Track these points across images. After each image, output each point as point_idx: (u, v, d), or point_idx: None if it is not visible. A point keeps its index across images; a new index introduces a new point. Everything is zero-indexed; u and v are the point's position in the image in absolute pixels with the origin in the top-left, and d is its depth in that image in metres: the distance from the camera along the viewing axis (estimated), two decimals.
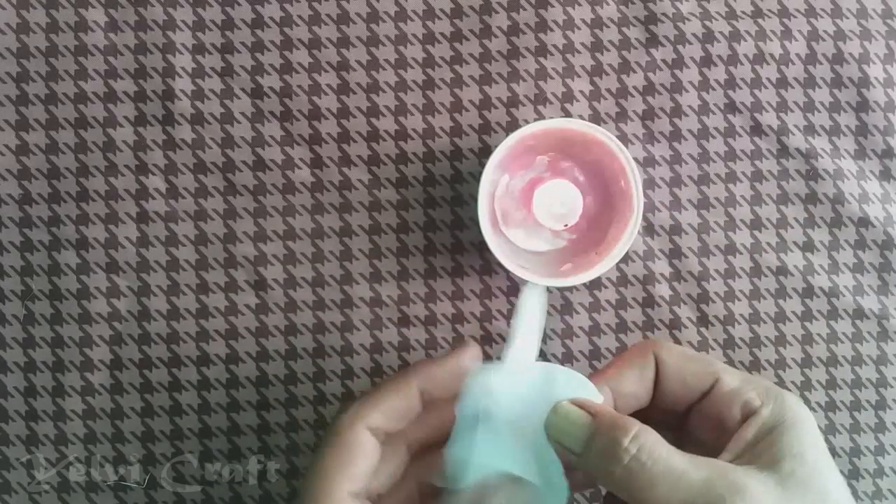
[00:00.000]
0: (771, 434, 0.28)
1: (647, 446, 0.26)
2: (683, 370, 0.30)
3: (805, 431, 0.28)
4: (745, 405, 0.29)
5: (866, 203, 0.40)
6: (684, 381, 0.30)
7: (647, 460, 0.26)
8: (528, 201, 0.36)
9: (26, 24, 0.38)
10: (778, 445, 0.27)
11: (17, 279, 0.38)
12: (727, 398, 0.29)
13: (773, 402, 0.29)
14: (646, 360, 0.30)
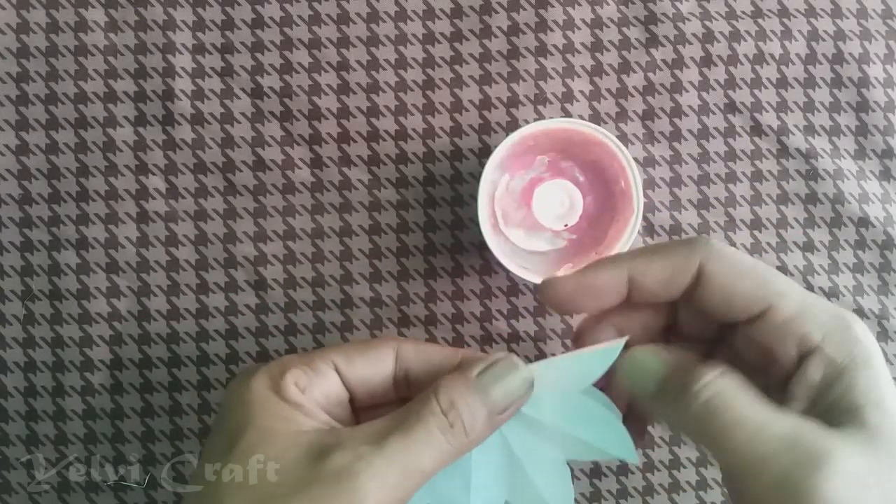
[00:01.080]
0: (842, 378, 0.24)
1: (722, 391, 0.24)
2: (731, 288, 0.26)
3: (878, 370, 0.25)
4: (802, 342, 0.25)
5: (866, 203, 0.40)
6: (730, 300, 0.26)
7: (720, 404, 0.24)
8: (528, 201, 0.36)
9: (26, 24, 0.38)
10: (855, 392, 0.24)
11: (17, 279, 0.38)
12: (780, 330, 0.25)
13: (837, 336, 0.25)
14: (686, 261, 0.26)
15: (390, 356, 0.29)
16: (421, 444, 0.25)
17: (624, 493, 0.39)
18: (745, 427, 0.23)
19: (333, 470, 0.24)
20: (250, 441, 0.25)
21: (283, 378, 0.27)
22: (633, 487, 0.39)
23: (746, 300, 0.26)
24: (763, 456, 0.23)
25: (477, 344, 0.39)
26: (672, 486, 0.40)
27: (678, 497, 0.40)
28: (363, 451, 0.24)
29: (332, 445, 0.25)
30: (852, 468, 0.23)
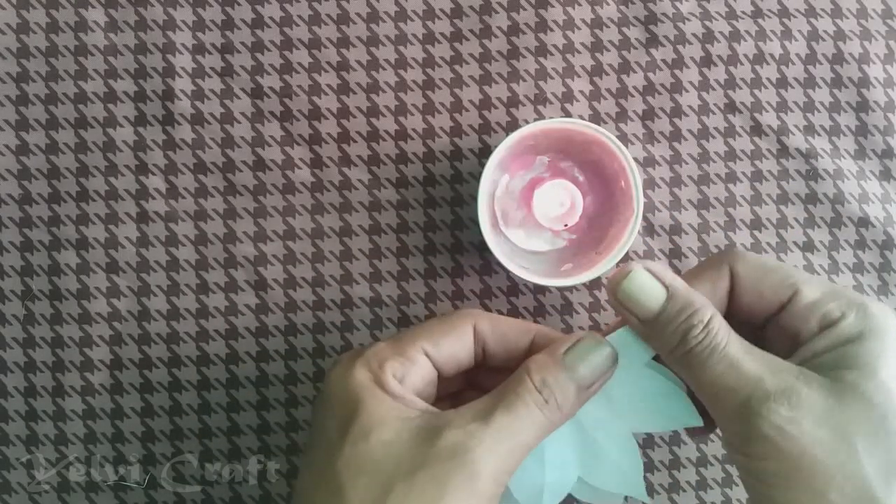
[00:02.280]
0: (845, 345, 0.26)
1: (713, 329, 0.27)
2: (760, 282, 0.29)
3: (885, 343, 0.26)
4: (823, 317, 0.27)
5: (866, 203, 0.40)
6: (760, 293, 0.28)
7: (706, 341, 0.26)
8: (528, 201, 0.36)
9: (26, 24, 0.38)
10: (848, 356, 0.26)
11: (17, 279, 0.38)
12: (805, 311, 0.28)
13: (855, 313, 0.27)
14: (719, 272, 0.29)
15: (470, 332, 0.31)
16: (523, 420, 0.27)
17: None
18: (721, 362, 0.26)
19: (448, 448, 0.26)
20: (363, 425, 0.27)
21: (383, 371, 0.28)
22: None
23: (775, 290, 0.28)
24: (730, 387, 0.26)
25: None
26: (672, 486, 0.40)
27: (678, 497, 0.40)
28: (473, 429, 0.26)
29: (442, 426, 0.26)
30: (807, 403, 0.25)
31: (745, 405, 0.25)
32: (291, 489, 0.29)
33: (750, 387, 0.26)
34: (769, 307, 0.29)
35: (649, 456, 0.39)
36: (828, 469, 0.25)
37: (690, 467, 0.39)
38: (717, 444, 0.39)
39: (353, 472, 0.26)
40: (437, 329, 0.30)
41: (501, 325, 0.31)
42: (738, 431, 0.26)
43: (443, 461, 0.26)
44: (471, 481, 0.26)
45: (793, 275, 0.28)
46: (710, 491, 0.39)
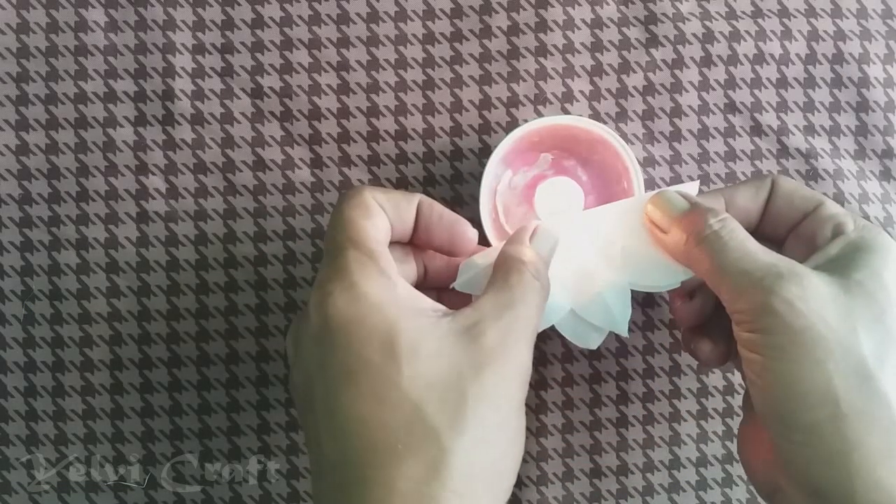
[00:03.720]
0: (855, 252, 0.29)
1: (730, 226, 0.30)
2: (794, 193, 0.32)
3: (889, 255, 0.29)
4: (837, 227, 0.31)
5: (866, 203, 0.40)
6: (792, 201, 0.32)
7: (725, 235, 0.30)
8: (529, 198, 0.36)
9: (26, 24, 0.38)
10: (857, 260, 0.29)
11: (17, 279, 0.38)
12: (823, 220, 0.31)
13: (866, 229, 0.30)
14: (763, 181, 0.33)
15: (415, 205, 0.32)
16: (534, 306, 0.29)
17: (624, 493, 0.39)
18: (738, 251, 0.29)
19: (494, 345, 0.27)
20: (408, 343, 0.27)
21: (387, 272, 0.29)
22: (633, 487, 0.39)
23: (804, 200, 0.32)
24: (745, 270, 0.29)
25: None
26: (672, 486, 0.40)
27: (678, 497, 0.40)
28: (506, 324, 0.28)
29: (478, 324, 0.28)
30: (816, 287, 0.28)
31: (759, 283, 0.28)
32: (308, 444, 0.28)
33: (764, 269, 0.28)
34: (797, 214, 0.32)
35: (649, 456, 0.39)
36: (829, 343, 0.27)
37: (690, 467, 0.39)
38: (717, 444, 0.39)
39: (423, 388, 0.26)
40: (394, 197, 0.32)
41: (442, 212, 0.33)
42: (749, 308, 0.28)
43: (497, 357, 0.27)
44: (522, 369, 0.28)
45: (820, 195, 0.32)
46: (710, 491, 0.39)
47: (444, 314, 0.28)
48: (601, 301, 0.33)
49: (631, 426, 0.39)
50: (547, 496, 0.39)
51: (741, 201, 0.33)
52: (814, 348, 0.27)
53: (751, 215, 0.33)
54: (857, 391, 0.26)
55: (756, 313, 0.28)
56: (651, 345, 0.40)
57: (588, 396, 0.39)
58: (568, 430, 0.39)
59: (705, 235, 0.30)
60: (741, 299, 0.29)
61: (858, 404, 0.26)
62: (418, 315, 0.28)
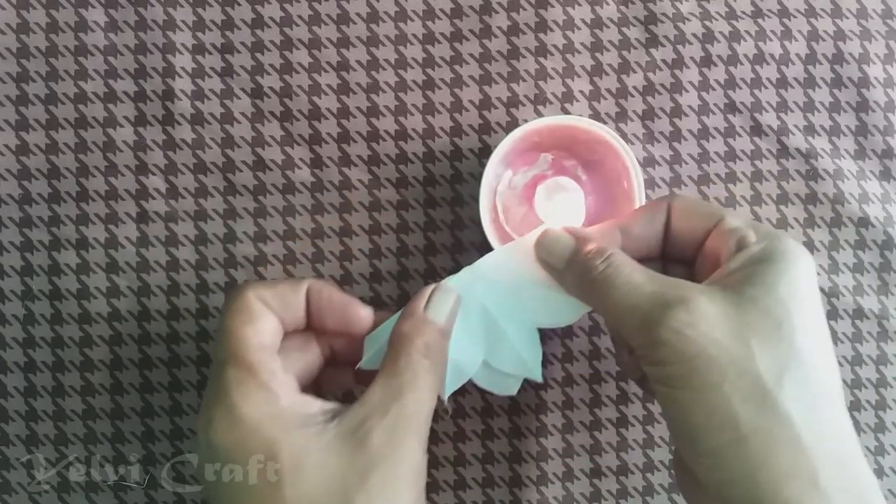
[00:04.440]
0: (755, 266, 0.28)
1: (616, 262, 0.30)
2: (691, 210, 0.32)
3: (791, 268, 0.28)
4: (740, 241, 0.30)
5: (866, 203, 0.40)
6: (690, 219, 0.32)
7: (612, 273, 0.29)
8: (529, 198, 0.36)
9: (26, 24, 0.38)
10: (753, 275, 0.28)
11: (17, 279, 0.38)
12: (726, 234, 0.30)
13: (767, 239, 0.29)
14: (658, 207, 0.32)
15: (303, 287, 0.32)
16: (425, 389, 0.29)
17: (624, 493, 0.39)
18: (625, 286, 0.29)
19: (380, 446, 0.27)
20: (292, 463, 0.27)
21: (270, 386, 0.28)
22: (633, 487, 0.39)
23: (704, 218, 0.31)
24: (633, 305, 0.28)
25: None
26: (672, 487, 0.40)
27: (678, 497, 0.40)
28: (392, 421, 0.28)
29: (361, 425, 0.27)
30: (704, 309, 0.27)
31: (648, 316, 0.28)
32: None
33: (650, 301, 0.28)
34: (697, 233, 0.31)
35: (649, 456, 0.39)
36: (721, 365, 0.26)
37: None
38: None
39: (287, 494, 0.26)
40: (273, 284, 0.31)
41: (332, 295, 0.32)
42: (643, 343, 0.28)
43: (384, 459, 0.27)
44: (412, 466, 0.28)
45: (721, 209, 0.32)
46: None
47: (333, 416, 0.28)
48: (510, 348, 0.33)
49: (631, 426, 0.40)
50: (547, 496, 0.39)
51: (637, 230, 0.32)
52: (708, 373, 0.26)
53: (651, 242, 0.32)
54: (756, 411, 0.26)
55: (649, 347, 0.28)
56: None
57: (588, 396, 0.39)
58: (568, 430, 0.39)
59: (593, 278, 0.30)
60: (635, 335, 0.28)
61: (759, 424, 0.26)
62: (303, 425, 0.27)
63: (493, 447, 0.39)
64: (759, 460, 0.26)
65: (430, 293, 0.31)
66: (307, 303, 0.31)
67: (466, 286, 0.32)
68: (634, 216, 0.33)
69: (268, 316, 0.30)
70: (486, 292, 0.33)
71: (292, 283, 0.31)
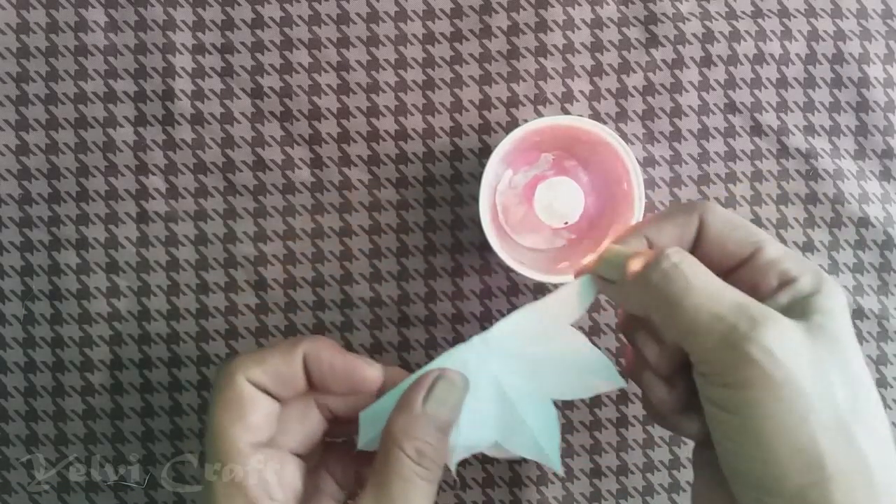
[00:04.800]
0: (806, 298, 0.27)
1: (689, 259, 0.27)
2: (726, 236, 0.29)
3: (838, 303, 0.27)
4: (782, 274, 0.28)
5: (866, 203, 0.40)
6: (725, 246, 0.29)
7: (686, 270, 0.27)
8: (530, 198, 0.36)
9: (26, 24, 0.38)
10: (812, 305, 0.27)
11: (17, 279, 0.38)
12: (766, 267, 0.28)
13: (811, 274, 0.28)
14: (689, 218, 0.30)
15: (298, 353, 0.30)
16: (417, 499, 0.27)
17: (624, 494, 0.39)
18: (702, 290, 0.26)
19: None
20: None
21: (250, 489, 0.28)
22: (633, 487, 0.39)
23: (739, 245, 0.29)
24: (715, 314, 0.26)
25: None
26: (672, 486, 0.40)
27: (678, 497, 0.40)
28: None
29: None
30: (790, 332, 0.25)
31: (733, 330, 0.25)
32: None
33: (735, 313, 0.26)
34: (732, 261, 0.29)
35: (649, 456, 0.39)
36: (809, 396, 0.25)
37: (690, 467, 0.39)
38: None
39: None
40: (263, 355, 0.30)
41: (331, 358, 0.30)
42: (722, 359, 0.26)
43: None
44: None
45: (757, 233, 0.29)
46: None
47: None
48: (527, 434, 0.30)
49: (631, 426, 0.40)
50: (547, 496, 0.39)
51: (665, 240, 0.30)
52: (795, 402, 0.24)
53: None
54: (841, 450, 0.24)
55: (733, 365, 0.25)
56: None
57: None
58: (568, 431, 0.39)
59: (665, 272, 0.27)
60: (713, 351, 0.26)
61: (843, 464, 0.24)
62: None
63: None
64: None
65: (430, 383, 0.29)
66: (306, 370, 0.30)
67: (478, 360, 0.30)
68: (661, 224, 0.30)
69: (260, 403, 0.28)
70: (502, 367, 0.30)
71: (285, 352, 0.29)
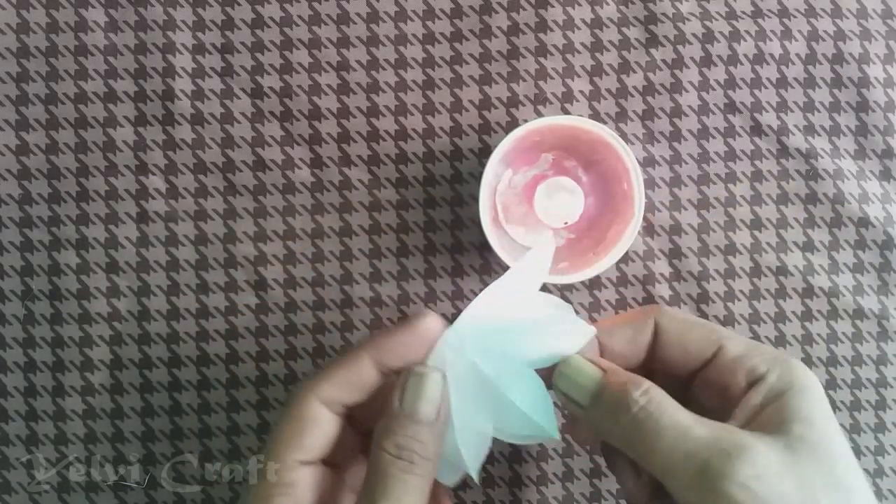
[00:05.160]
0: (779, 399, 0.27)
1: (657, 399, 0.27)
2: (685, 338, 0.29)
3: (813, 396, 0.27)
4: (749, 372, 0.28)
5: (866, 203, 0.40)
6: (685, 348, 0.29)
7: (654, 411, 0.26)
8: (529, 198, 0.36)
9: (26, 24, 0.38)
10: (787, 410, 0.26)
11: (17, 279, 0.38)
12: (731, 366, 0.28)
13: (780, 368, 0.27)
14: (644, 323, 0.29)
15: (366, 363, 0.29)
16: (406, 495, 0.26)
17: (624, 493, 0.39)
18: (673, 429, 0.26)
19: None
20: None
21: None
22: None
23: (699, 345, 0.29)
24: (687, 452, 0.25)
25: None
26: None
27: None
28: None
29: None
30: (767, 459, 0.25)
31: (706, 468, 0.25)
32: None
33: (707, 450, 0.25)
34: (694, 362, 0.29)
35: None
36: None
37: None
38: None
39: None
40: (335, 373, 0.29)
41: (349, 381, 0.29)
42: (700, 498, 0.25)
43: None
44: None
45: (716, 330, 0.29)
46: None
47: None
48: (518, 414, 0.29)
49: None
50: (547, 496, 0.39)
51: (618, 347, 0.29)
52: None
53: (630, 361, 0.30)
54: None
55: (708, 502, 0.25)
56: None
57: None
58: (568, 430, 0.39)
59: (633, 416, 0.26)
60: (689, 490, 0.25)
61: None
62: None
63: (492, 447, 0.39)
64: None
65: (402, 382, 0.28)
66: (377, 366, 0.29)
67: (454, 352, 0.29)
68: (614, 329, 0.29)
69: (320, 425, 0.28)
70: (476, 349, 0.29)
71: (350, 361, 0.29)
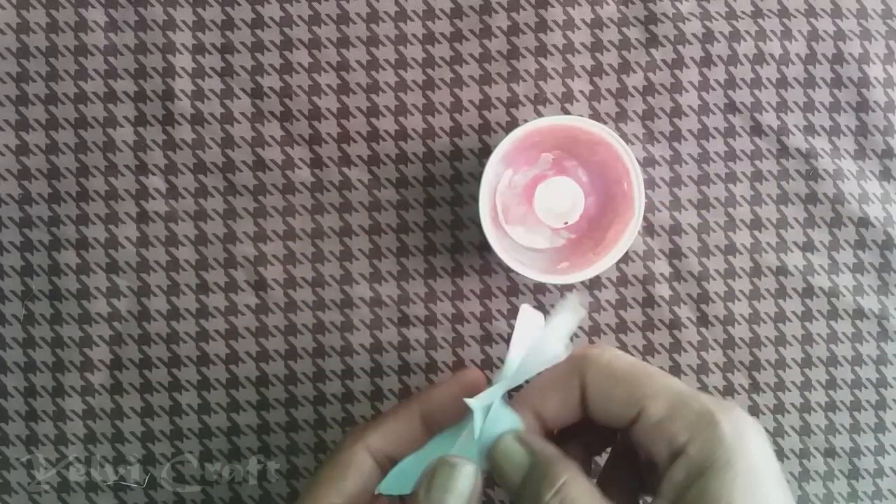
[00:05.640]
0: (702, 478, 0.25)
1: (571, 494, 0.25)
2: (608, 396, 0.28)
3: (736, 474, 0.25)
4: (669, 443, 0.26)
5: (866, 203, 0.40)
6: (607, 409, 0.28)
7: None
8: (529, 198, 0.36)
9: (26, 24, 0.38)
10: (707, 495, 0.25)
11: (17, 279, 0.38)
12: (652, 432, 0.27)
13: (702, 435, 0.26)
14: (569, 382, 0.28)
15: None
16: None
17: None
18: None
19: None
20: None
21: None
22: None
23: (620, 406, 0.27)
24: None
25: (477, 344, 0.39)
26: None
27: None
28: None
29: None
30: None
31: None
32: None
33: None
34: (618, 422, 0.28)
35: None
36: None
37: None
38: None
39: None
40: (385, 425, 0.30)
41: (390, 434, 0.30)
42: None
43: None
44: None
45: (640, 387, 0.27)
46: None
47: None
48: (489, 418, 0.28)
49: None
50: None
51: (551, 412, 0.28)
52: None
53: (568, 418, 0.29)
54: None
55: None
56: (651, 345, 0.40)
57: None
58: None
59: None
60: None
61: None
62: None
63: None
64: None
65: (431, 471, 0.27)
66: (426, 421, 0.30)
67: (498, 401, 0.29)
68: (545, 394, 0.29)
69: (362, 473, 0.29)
70: None
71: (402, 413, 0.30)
